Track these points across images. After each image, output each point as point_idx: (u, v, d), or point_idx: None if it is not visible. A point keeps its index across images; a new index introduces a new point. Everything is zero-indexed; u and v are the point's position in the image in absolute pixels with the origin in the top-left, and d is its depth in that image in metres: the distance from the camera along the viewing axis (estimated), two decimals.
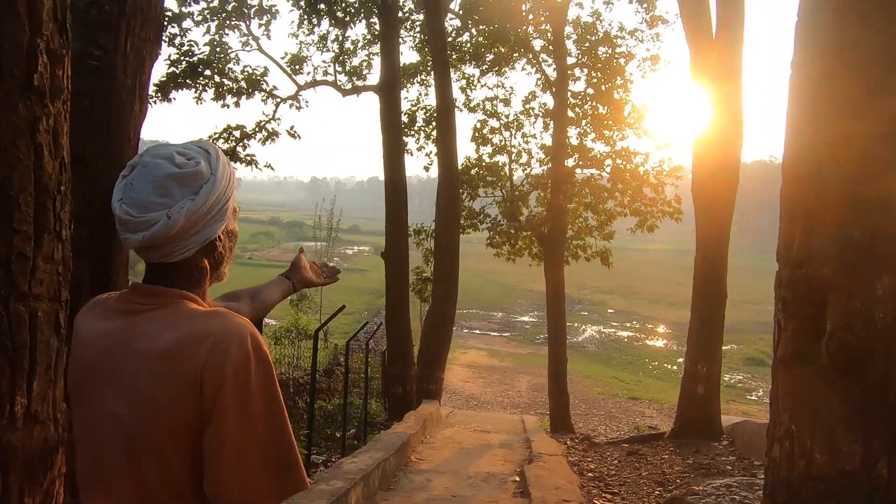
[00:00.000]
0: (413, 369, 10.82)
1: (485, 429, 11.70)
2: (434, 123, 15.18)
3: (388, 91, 10.72)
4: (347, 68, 12.16)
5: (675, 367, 37.58)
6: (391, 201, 10.59)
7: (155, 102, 10.81)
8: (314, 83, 11.57)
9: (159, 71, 13.31)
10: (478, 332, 44.98)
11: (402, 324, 10.38)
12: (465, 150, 22.23)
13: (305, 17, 11.10)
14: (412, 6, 15.07)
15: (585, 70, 15.47)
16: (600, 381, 26.83)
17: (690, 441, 8.81)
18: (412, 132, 15.63)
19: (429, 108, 15.43)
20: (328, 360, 17.86)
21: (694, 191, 13.43)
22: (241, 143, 11.10)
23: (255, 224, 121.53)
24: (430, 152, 15.76)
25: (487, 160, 16.13)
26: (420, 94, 15.59)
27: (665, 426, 17.71)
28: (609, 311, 55.65)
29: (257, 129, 11.13)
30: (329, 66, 11.98)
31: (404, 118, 15.59)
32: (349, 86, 12.38)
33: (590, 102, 15.60)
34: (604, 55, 15.24)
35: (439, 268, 13.44)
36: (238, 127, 10.98)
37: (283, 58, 11.21)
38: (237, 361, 1.08)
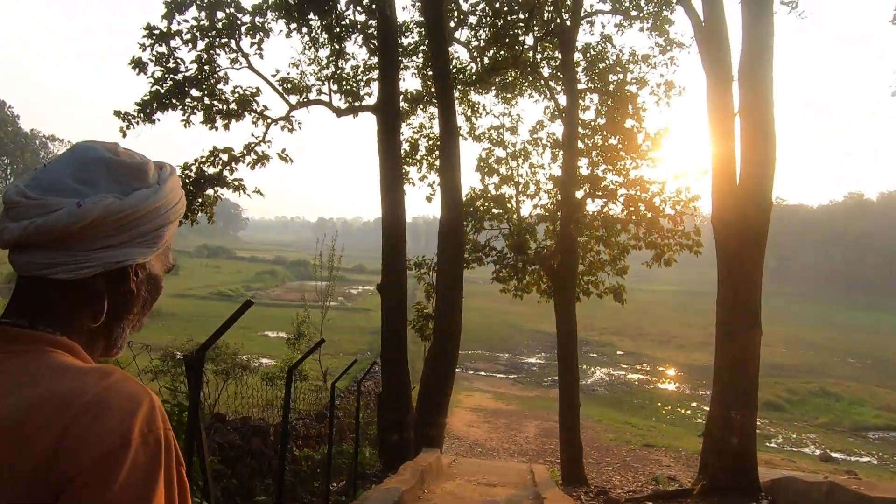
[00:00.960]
0: (411, 414, 9.82)
1: (490, 481, 10.60)
2: (437, 152, 14.46)
3: (386, 111, 10.00)
4: (343, 87, 11.49)
5: (688, 412, 36.18)
6: (388, 227, 9.77)
7: (137, 123, 10.10)
8: (307, 102, 10.87)
9: (142, 90, 12.66)
10: (483, 373, 43.67)
11: (398, 364, 9.42)
12: (470, 180, 21.56)
13: (296, 30, 10.43)
14: (416, 33, 14.54)
15: (596, 96, 14.80)
16: (612, 427, 25.50)
17: (725, 499, 7.74)
18: (414, 161, 14.91)
19: (432, 135, 14.74)
20: (322, 402, 16.83)
21: (716, 225, 12.59)
22: (228, 167, 10.35)
23: (260, 263, 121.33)
24: (433, 182, 15.02)
25: (493, 191, 15.34)
26: (423, 122, 14.94)
27: (685, 477, 16.48)
28: (618, 352, 54.29)
29: (246, 152, 10.38)
30: (323, 84, 11.33)
31: (406, 146, 14.89)
32: (345, 105, 11.69)
33: (600, 133, 14.88)
34: (614, 82, 14.58)
35: (441, 304, 12.53)
36: (226, 150, 10.24)
37: (274, 76, 10.57)
38: (106, 446, 0.75)
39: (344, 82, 11.43)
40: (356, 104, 11.60)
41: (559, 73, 14.25)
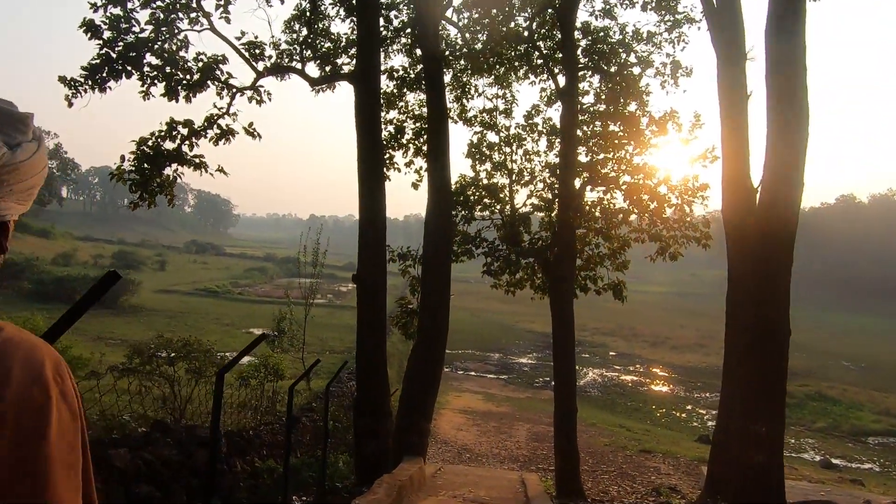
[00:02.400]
0: (389, 421, 8.76)
1: (477, 497, 9.52)
2: (424, 136, 13.38)
3: (365, 78, 8.93)
4: (318, 53, 10.37)
5: (683, 415, 35.27)
6: (366, 211, 8.70)
7: (84, 91, 8.98)
8: (277, 69, 9.77)
9: (89, 53, 11.51)
10: (473, 373, 42.63)
11: (376, 364, 8.37)
12: (460, 167, 20.35)
13: None
14: (404, 14, 13.45)
15: (596, 79, 13.75)
16: (606, 431, 24.51)
17: None
18: (400, 145, 13.81)
19: (419, 117, 13.64)
20: (299, 406, 15.73)
21: (727, 216, 11.57)
22: (188, 142, 9.22)
23: (249, 260, 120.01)
24: (420, 168, 13.91)
25: (486, 179, 14.27)
26: (410, 103, 13.82)
27: (686, 486, 15.48)
28: (611, 353, 53.46)
29: (208, 125, 9.26)
30: (296, 50, 10.19)
31: (391, 129, 13.81)
32: (318, 73, 10.59)
33: (601, 120, 13.83)
34: (616, 63, 13.53)
35: (427, 299, 11.48)
36: (186, 122, 9.12)
37: (238, 38, 9.45)
38: (24, 394, 0.76)
39: (318, 48, 10.34)
40: (331, 71, 10.50)
41: (558, 54, 13.20)
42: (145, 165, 9.33)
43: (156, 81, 9.71)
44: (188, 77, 9.55)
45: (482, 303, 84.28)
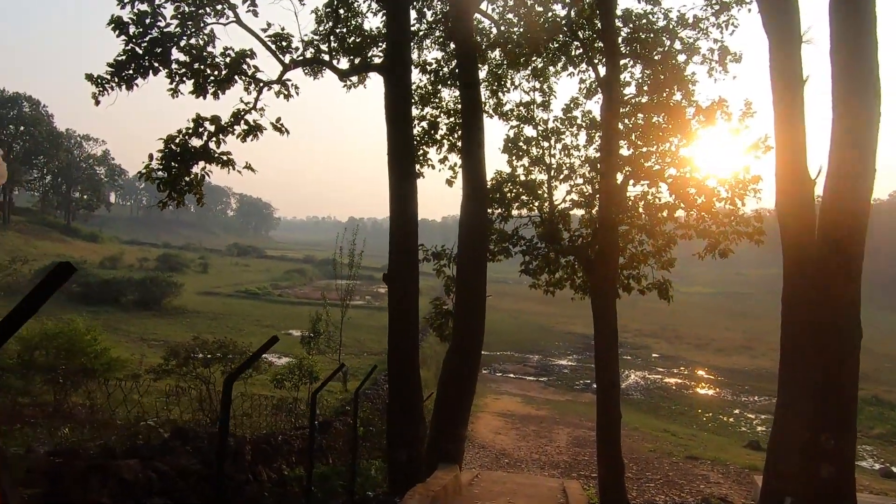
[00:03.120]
0: (423, 427, 8.36)
1: None
2: (459, 131, 12.94)
3: (396, 69, 8.55)
4: (346, 45, 10.04)
5: (730, 420, 34.05)
6: (397, 205, 8.31)
7: (111, 88, 8.82)
8: (304, 61, 9.46)
9: (115, 49, 11.40)
10: (512, 375, 42.00)
11: (408, 368, 7.96)
12: (495, 163, 19.90)
13: None
14: (437, 8, 13.05)
15: (638, 69, 13.10)
16: (650, 436, 23.69)
17: None
18: (433, 141, 13.39)
19: (453, 112, 13.20)
20: (333, 409, 15.46)
21: (781, 214, 10.84)
22: (214, 139, 8.99)
23: (289, 262, 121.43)
24: (455, 164, 13.47)
25: (523, 175, 13.75)
26: (443, 99, 13.38)
27: (737, 496, 14.69)
28: (654, 355, 52.13)
29: (234, 121, 9.00)
30: (323, 42, 9.87)
31: (424, 125, 13.40)
32: (347, 65, 10.25)
33: (642, 113, 13.17)
34: (659, 52, 12.85)
35: (462, 299, 11.05)
36: (213, 119, 8.88)
37: (264, 30, 9.16)
38: None
39: (348, 40, 10.00)
40: (360, 63, 10.14)
41: (598, 42, 12.61)
42: (173, 164, 9.13)
43: (184, 79, 9.50)
44: (216, 73, 9.32)
45: (520, 304, 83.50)
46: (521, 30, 12.82)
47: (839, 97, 6.83)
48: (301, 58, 9.45)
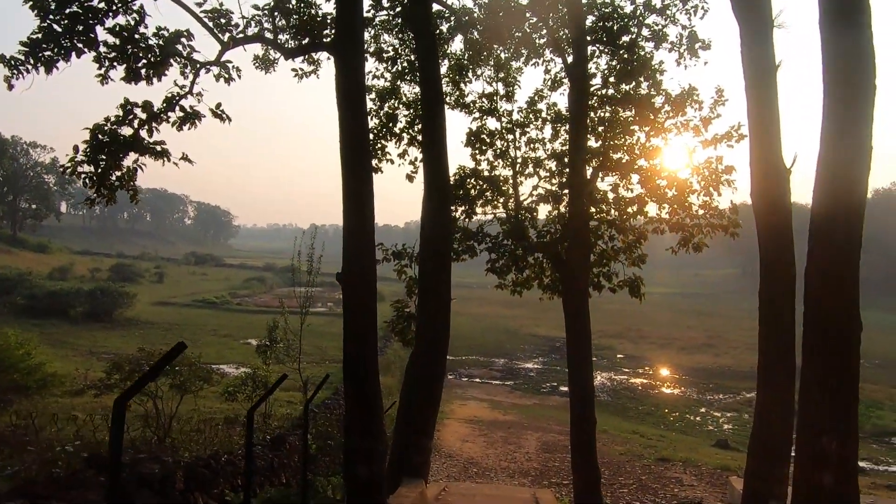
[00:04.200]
0: (384, 440, 7.61)
1: None
2: (419, 124, 12.23)
3: (347, 47, 7.80)
4: (291, 22, 9.22)
5: (697, 419, 34.01)
6: (350, 199, 7.55)
7: (27, 71, 7.87)
8: (244, 39, 8.63)
9: (30, 26, 10.34)
10: (478, 380, 41.37)
11: (364, 376, 7.22)
12: (458, 157, 19.19)
13: None
14: None
15: (604, 59, 12.57)
16: (619, 438, 23.28)
17: None
18: (392, 134, 12.66)
19: (412, 104, 12.47)
20: (292, 422, 14.55)
21: (756, 204, 10.41)
22: (146, 127, 8.09)
23: (249, 270, 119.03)
24: (415, 158, 12.76)
25: (487, 170, 13.11)
26: (402, 90, 12.64)
27: (712, 499, 14.25)
28: (619, 356, 52.14)
29: (168, 106, 8.12)
30: (265, 18, 9.04)
31: (382, 117, 12.65)
32: (293, 43, 9.44)
33: (609, 106, 12.66)
34: (625, 45, 12.34)
35: (425, 300, 10.33)
36: (144, 104, 7.98)
37: (199, 5, 8.28)
38: None
39: (293, 15, 9.19)
40: (308, 42, 9.34)
41: (563, 31, 12.05)
42: (101, 156, 8.19)
43: (114, 63, 8.56)
44: (150, 56, 8.42)
45: (485, 307, 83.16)
46: (483, 16, 12.22)
47: (830, 81, 6.27)
48: (242, 35, 8.61)
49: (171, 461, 6.33)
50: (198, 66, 8.25)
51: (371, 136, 12.49)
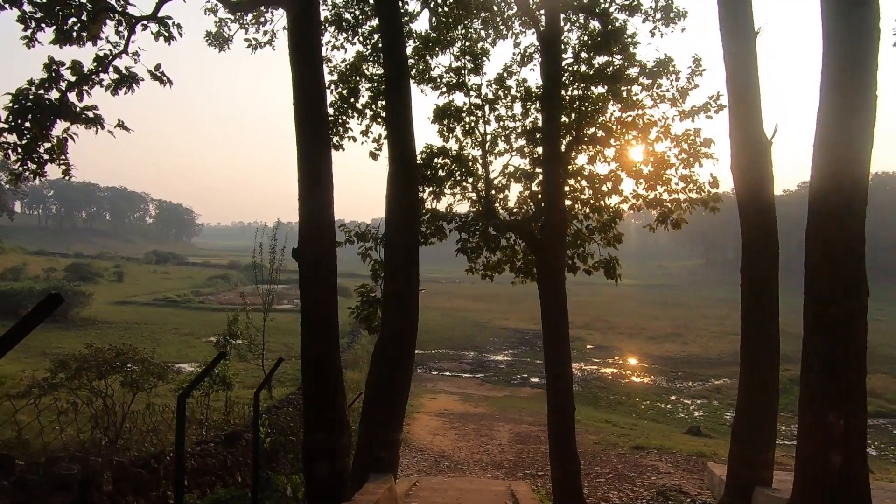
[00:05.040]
0: (347, 435, 6.91)
1: None
2: (382, 100, 11.52)
3: (300, 2, 7.05)
4: None
5: (668, 406, 33.99)
6: (306, 168, 6.80)
7: None
8: None
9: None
10: (448, 373, 40.80)
11: (325, 365, 6.50)
12: (425, 135, 18.44)
13: None
14: None
15: (574, 34, 12.00)
16: (592, 427, 22.93)
17: None
18: (354, 110, 11.92)
19: (375, 77, 11.75)
20: (247, 418, 13.72)
21: (737, 177, 10.00)
22: (76, 90, 7.25)
23: (213, 268, 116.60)
24: (380, 136, 12.05)
25: (456, 149, 12.46)
26: (363, 56, 11.87)
27: (691, 486, 13.87)
28: (588, 346, 52.09)
29: (100, 67, 7.27)
30: None
31: (342, 91, 11.91)
32: None
33: (581, 83, 12.10)
34: (598, 15, 11.79)
35: (392, 285, 9.63)
36: (73, 65, 7.13)
37: None
38: None
39: None
40: None
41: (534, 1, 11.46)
42: (25, 124, 7.33)
43: (42, 24, 7.69)
44: (83, 13, 7.56)
45: (454, 302, 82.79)
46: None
47: (831, 46, 5.73)
48: None
49: (98, 461, 5.54)
50: (133, 21, 7.42)
51: (331, 111, 11.77)
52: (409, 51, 11.86)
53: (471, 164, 12.59)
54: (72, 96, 7.23)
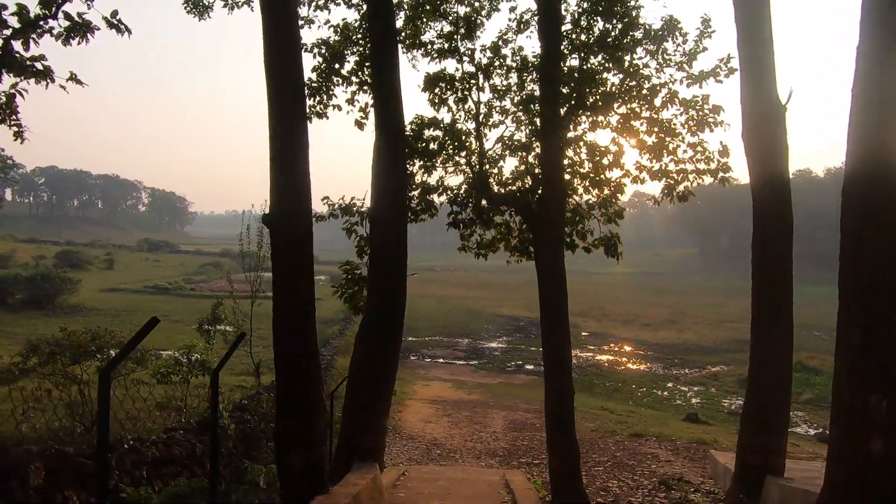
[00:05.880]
0: (323, 421, 6.26)
1: None
2: (369, 66, 10.77)
3: None
4: None
5: (665, 393, 33.52)
6: (279, 125, 6.09)
7: None
8: None
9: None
10: (442, 360, 40.20)
11: (299, 344, 5.83)
12: (415, 105, 17.51)
13: None
14: None
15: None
16: (589, 415, 22.37)
17: None
18: (339, 77, 11.19)
19: (361, 42, 11.00)
20: (234, 404, 13.09)
21: (748, 145, 9.32)
22: (21, 38, 6.53)
23: (205, 256, 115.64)
24: (366, 104, 11.32)
25: (447, 118, 11.74)
26: (348, 25, 11.12)
27: (693, 475, 13.27)
28: (583, 333, 51.55)
29: (48, 13, 6.52)
30: None
31: (325, 53, 11.16)
32: None
33: (580, 53, 11.37)
34: None
35: (379, 260, 9.00)
36: (18, 10, 6.37)
37: None
38: None
39: None
40: None
41: None
42: None
43: None
44: None
45: (448, 290, 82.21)
46: None
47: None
48: None
49: (25, 450, 4.86)
50: None
51: (314, 76, 11.07)
52: (399, 24, 11.14)
53: (464, 137, 11.87)
54: (16, 44, 6.47)
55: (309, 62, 11.25)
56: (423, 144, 11.57)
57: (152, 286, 67.58)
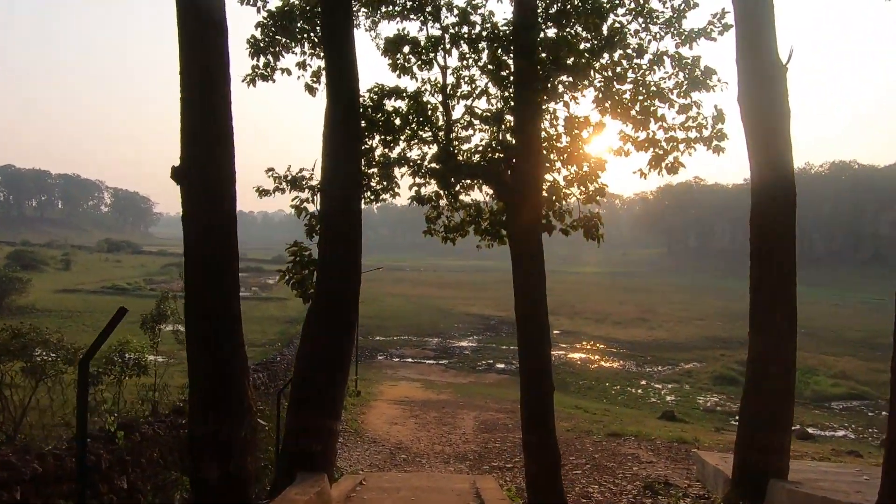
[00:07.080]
0: (248, 425, 5.06)
1: None
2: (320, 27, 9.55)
3: None
4: None
5: (639, 391, 32.88)
6: (188, 40, 4.91)
7: None
8: None
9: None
10: (410, 360, 39.03)
11: (220, 326, 4.66)
12: (374, 73, 16.02)
13: None
14: None
15: None
16: (564, 413, 21.41)
17: None
18: (291, 38, 9.97)
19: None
20: (172, 406, 11.82)
21: (745, 108, 8.41)
22: None
23: (168, 257, 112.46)
24: (319, 68, 10.09)
25: (410, 87, 10.55)
26: None
27: (677, 477, 12.34)
28: (555, 332, 50.72)
29: None
30: None
31: (272, 7, 9.92)
32: None
33: (554, 22, 10.29)
34: None
35: (330, 241, 7.86)
36: None
37: None
38: None
39: None
40: None
41: None
42: None
43: None
44: None
45: (417, 289, 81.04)
46: None
47: None
48: None
49: None
50: None
51: (258, 33, 9.85)
52: None
53: (430, 112, 10.70)
54: None
55: (252, 17, 10.03)
56: (384, 117, 10.37)
57: (110, 287, 65.21)
